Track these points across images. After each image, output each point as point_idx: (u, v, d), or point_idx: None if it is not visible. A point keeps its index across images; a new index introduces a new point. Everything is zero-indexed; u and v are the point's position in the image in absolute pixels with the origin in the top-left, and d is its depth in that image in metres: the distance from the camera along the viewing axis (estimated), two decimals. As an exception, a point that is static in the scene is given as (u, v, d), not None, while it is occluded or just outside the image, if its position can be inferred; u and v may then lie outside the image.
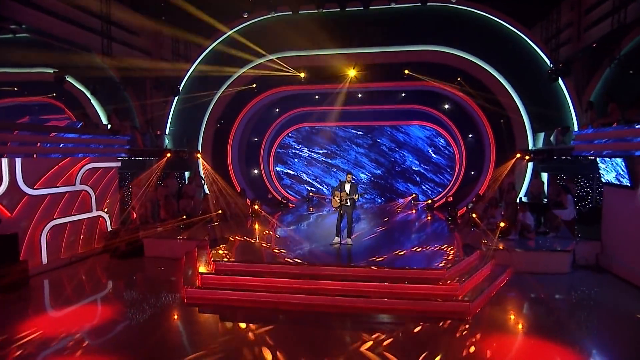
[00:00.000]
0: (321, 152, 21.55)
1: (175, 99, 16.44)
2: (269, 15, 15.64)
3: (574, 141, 10.61)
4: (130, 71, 14.42)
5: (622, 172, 9.50)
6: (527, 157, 14.00)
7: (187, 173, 17.04)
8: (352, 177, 10.83)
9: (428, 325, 7.06)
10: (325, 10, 14.93)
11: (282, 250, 10.16)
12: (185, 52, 16.67)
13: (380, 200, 20.72)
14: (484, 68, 14.81)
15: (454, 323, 7.14)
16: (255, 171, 20.32)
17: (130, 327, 7.21)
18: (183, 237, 11.70)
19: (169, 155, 14.61)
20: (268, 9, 15.38)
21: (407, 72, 15.05)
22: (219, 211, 14.14)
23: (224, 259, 9.50)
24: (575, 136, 10.75)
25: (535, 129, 14.52)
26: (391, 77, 15.95)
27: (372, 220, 14.91)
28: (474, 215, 12.29)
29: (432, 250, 10.28)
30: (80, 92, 15.22)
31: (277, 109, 20.01)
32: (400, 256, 9.64)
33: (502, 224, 11.20)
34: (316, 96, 19.04)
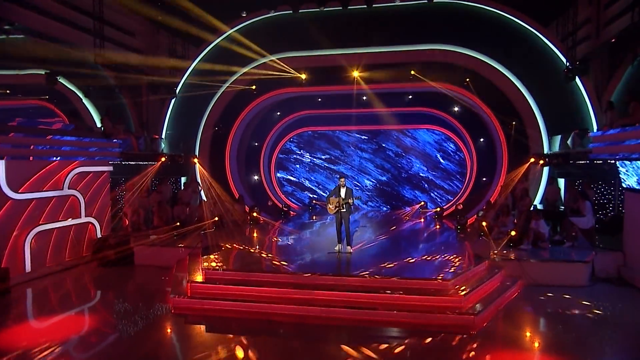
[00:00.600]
0: (324, 157, 20.96)
1: (172, 101, 16.16)
2: (269, 15, 15.37)
3: (592, 144, 10.24)
4: (125, 72, 14.15)
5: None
6: (542, 162, 13.48)
7: (183, 179, 16.64)
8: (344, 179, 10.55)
9: (429, 340, 6.68)
10: (327, 8, 14.56)
11: (283, 262, 9.73)
12: (182, 53, 16.39)
13: (385, 209, 20.04)
14: (495, 68, 14.30)
15: (457, 338, 6.72)
16: (255, 177, 19.74)
17: (114, 339, 7.02)
18: (175, 244, 11.48)
19: (163, 159, 14.35)
20: (268, 7, 15.13)
21: (413, 72, 14.67)
22: (216, 218, 13.78)
23: (215, 267, 9.24)
24: (593, 138, 10.32)
25: (550, 132, 13.93)
26: (397, 79, 15.44)
27: (377, 229, 14.52)
28: (483, 224, 11.72)
29: (440, 260, 9.86)
30: (72, 92, 14.85)
31: (278, 113, 19.55)
32: (406, 266, 9.30)
33: (512, 233, 10.72)
34: (318, 99, 18.62)
